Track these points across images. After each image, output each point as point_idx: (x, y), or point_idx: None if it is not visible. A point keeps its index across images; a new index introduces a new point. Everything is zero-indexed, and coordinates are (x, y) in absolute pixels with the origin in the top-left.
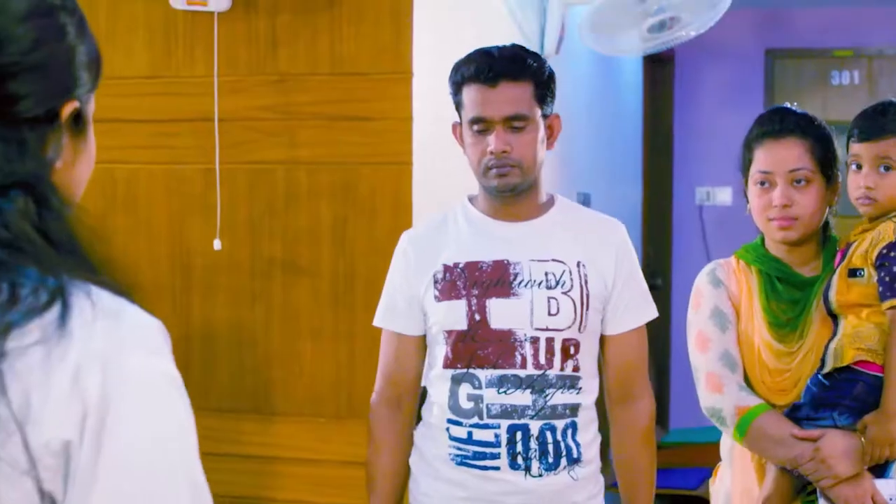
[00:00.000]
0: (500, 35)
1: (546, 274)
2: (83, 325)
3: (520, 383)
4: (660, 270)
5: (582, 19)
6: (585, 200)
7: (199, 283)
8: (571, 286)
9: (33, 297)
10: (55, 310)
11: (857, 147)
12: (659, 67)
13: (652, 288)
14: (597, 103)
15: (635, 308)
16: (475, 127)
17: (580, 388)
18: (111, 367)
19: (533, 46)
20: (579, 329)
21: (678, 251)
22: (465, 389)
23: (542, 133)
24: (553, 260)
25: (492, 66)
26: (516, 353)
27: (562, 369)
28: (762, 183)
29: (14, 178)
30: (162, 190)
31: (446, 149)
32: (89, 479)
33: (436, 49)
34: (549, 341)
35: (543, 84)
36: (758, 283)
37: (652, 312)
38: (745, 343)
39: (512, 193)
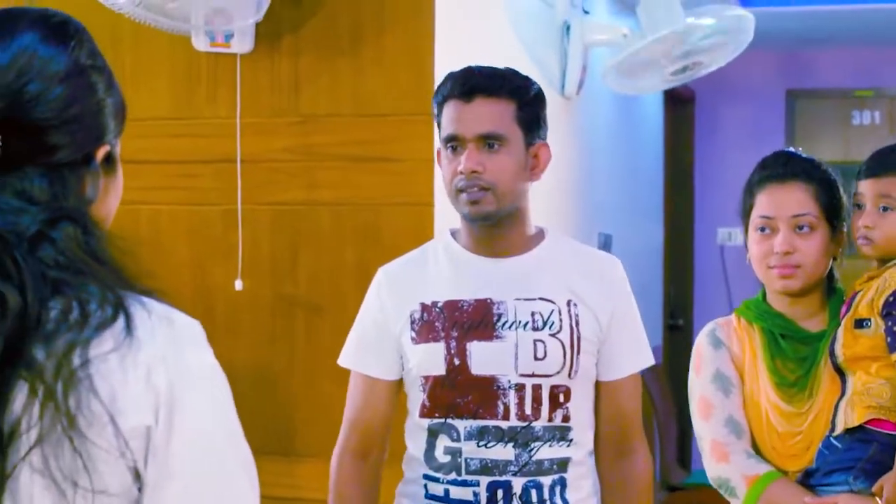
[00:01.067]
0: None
1: (533, 314)
2: (145, 330)
3: (501, 436)
4: (681, 310)
5: (607, 66)
6: (607, 241)
7: (221, 323)
8: (560, 327)
9: (101, 312)
10: (121, 320)
11: (861, 185)
12: (680, 108)
13: (674, 328)
14: (618, 144)
15: (631, 353)
16: (449, 146)
17: (571, 441)
18: (173, 363)
19: (554, 88)
20: (569, 374)
21: (700, 291)
22: (442, 442)
23: (522, 158)
24: (541, 299)
25: (467, 81)
26: (498, 402)
27: (550, 419)
28: (763, 229)
29: (61, 213)
30: (184, 231)
31: None
32: (165, 453)
33: None
34: (536, 388)
35: (527, 105)
36: (761, 341)
37: (648, 359)
38: (752, 406)
39: (487, 223)
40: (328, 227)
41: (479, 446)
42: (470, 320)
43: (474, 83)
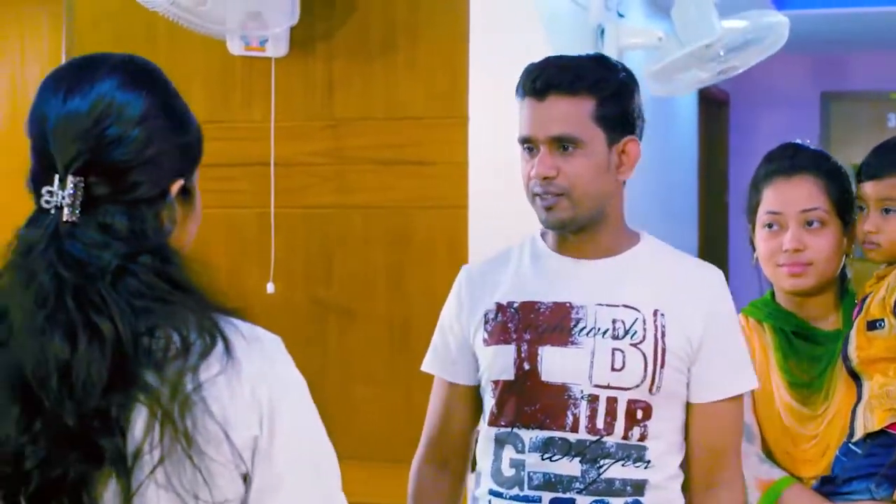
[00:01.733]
0: None
1: (614, 321)
2: (242, 351)
3: (568, 449)
4: None
5: (646, 71)
6: None
7: None
8: (644, 338)
9: (201, 341)
10: (220, 345)
11: (862, 187)
12: (714, 110)
13: None
14: (652, 147)
15: (725, 374)
16: (524, 147)
17: (649, 462)
18: (270, 377)
19: None
20: (651, 390)
21: (736, 296)
22: (508, 453)
23: (603, 159)
24: (624, 306)
25: (540, 76)
26: (568, 413)
27: (625, 437)
28: (770, 225)
29: (140, 247)
30: (218, 234)
31: (502, 192)
32: (268, 454)
33: (491, 93)
34: (611, 401)
35: (610, 100)
36: (772, 340)
37: (748, 382)
38: (764, 407)
39: (566, 230)
40: (361, 230)
41: (543, 459)
42: (545, 323)
43: (548, 79)
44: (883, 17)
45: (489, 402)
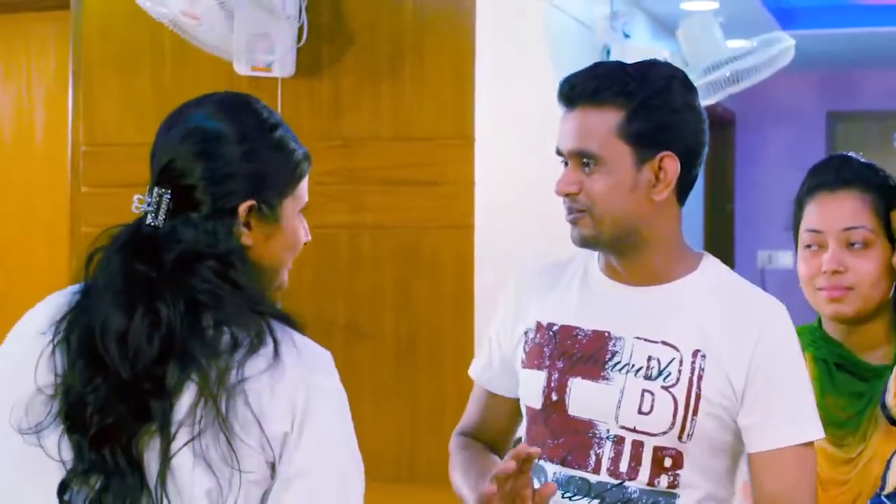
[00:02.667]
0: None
1: (649, 359)
2: (290, 357)
3: (588, 490)
4: None
5: None
6: None
7: None
8: (677, 380)
9: (249, 339)
10: (270, 346)
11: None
12: (720, 129)
13: None
14: None
15: (779, 421)
16: (560, 160)
17: None
18: (309, 385)
19: None
20: (680, 437)
21: None
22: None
23: (628, 178)
24: (663, 343)
25: (569, 84)
26: (591, 452)
27: (651, 484)
28: (810, 245)
29: (206, 252)
30: None
31: (509, 212)
32: (295, 452)
33: (498, 113)
34: (636, 446)
35: (643, 113)
36: (811, 372)
37: (810, 432)
38: None
39: (595, 249)
40: (369, 249)
41: (563, 497)
42: (581, 352)
43: (577, 87)
44: (889, 36)
45: (522, 426)
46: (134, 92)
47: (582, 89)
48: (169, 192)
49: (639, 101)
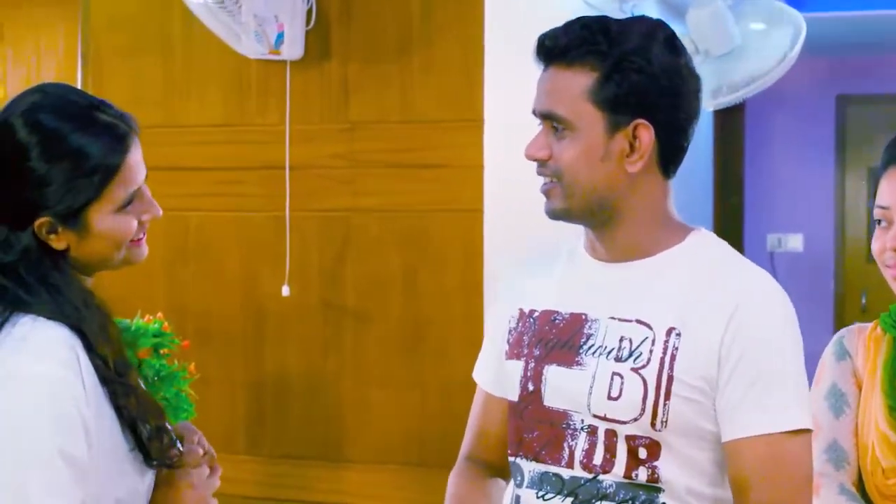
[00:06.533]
0: None
1: (621, 340)
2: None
3: (561, 487)
4: None
5: None
6: None
7: (271, 330)
8: (648, 361)
9: None
10: None
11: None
12: (729, 115)
13: None
14: None
15: (756, 406)
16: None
17: None
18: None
19: None
20: (653, 424)
21: None
22: (511, 486)
23: (598, 144)
24: (637, 321)
25: (543, 40)
26: (564, 445)
27: (628, 476)
28: (880, 221)
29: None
30: (232, 237)
31: (517, 196)
32: None
33: (506, 96)
34: (610, 435)
35: (618, 74)
36: (886, 354)
37: (786, 420)
38: (862, 432)
39: (565, 220)
40: (376, 233)
41: (537, 497)
42: (557, 338)
43: (548, 44)
44: None
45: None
46: (143, 76)
47: (553, 46)
48: None
49: (612, 62)
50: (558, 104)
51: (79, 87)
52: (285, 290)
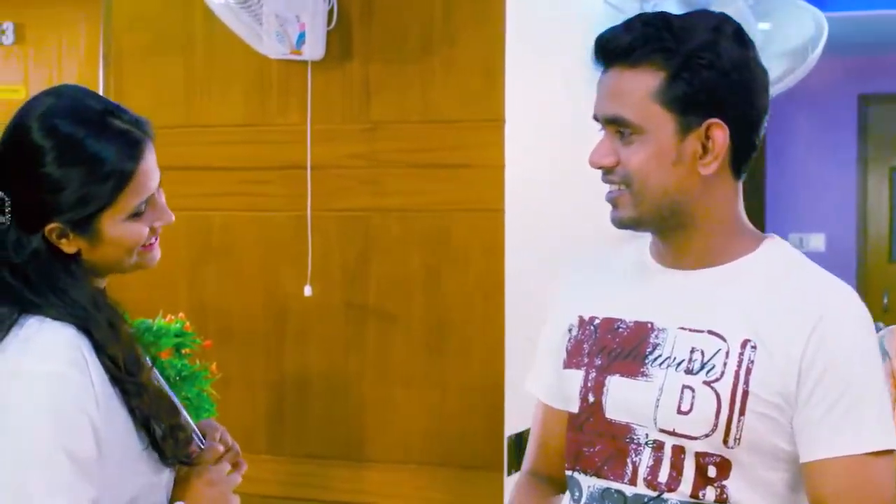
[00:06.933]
0: (593, 82)
1: (692, 351)
2: (7, 343)
3: None
4: None
5: None
6: None
7: (292, 330)
8: (722, 374)
9: None
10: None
11: None
12: None
13: None
14: None
15: (840, 425)
16: (597, 128)
17: None
18: (8, 370)
19: None
20: (725, 441)
21: None
22: (566, 501)
23: (670, 148)
24: (709, 332)
25: (604, 41)
26: (628, 461)
27: (694, 496)
28: None
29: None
30: (254, 237)
31: (538, 195)
32: None
33: (527, 96)
34: (677, 451)
35: (687, 74)
36: None
37: (872, 441)
38: None
39: (633, 230)
40: (397, 233)
41: None
42: (620, 347)
43: (610, 44)
44: None
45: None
46: (164, 76)
47: (615, 47)
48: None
49: (680, 61)
50: (624, 107)
51: (100, 87)
52: (307, 290)
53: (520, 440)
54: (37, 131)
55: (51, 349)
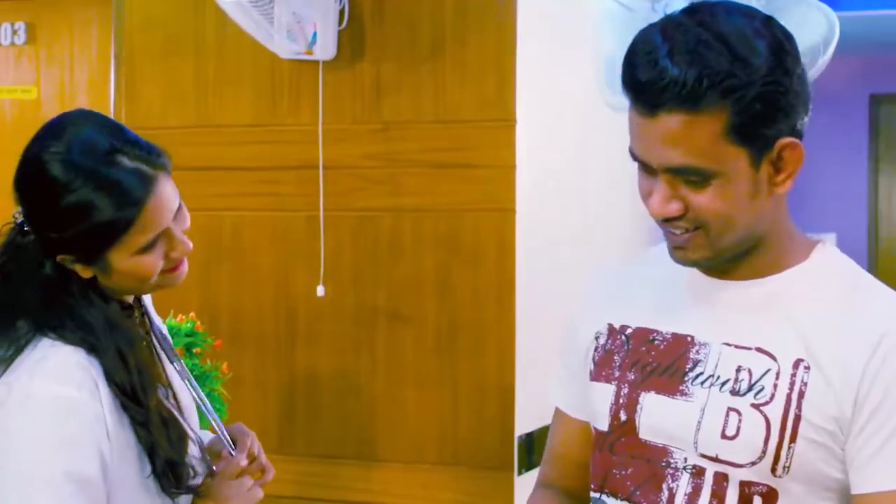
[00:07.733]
0: (604, 82)
1: (738, 370)
2: (18, 363)
3: None
4: None
5: None
6: None
7: (304, 329)
8: (772, 397)
9: (4, 350)
10: (17, 354)
11: None
12: None
13: None
14: None
15: (892, 457)
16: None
17: None
18: (14, 388)
19: None
20: (774, 470)
21: None
22: None
23: (748, 181)
24: (757, 350)
25: (646, 82)
26: (663, 486)
27: None
28: None
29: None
30: (267, 237)
31: (551, 196)
32: None
33: (539, 96)
34: (719, 479)
35: (752, 103)
36: None
37: None
38: None
39: (701, 267)
40: (410, 233)
41: None
42: (657, 361)
43: (658, 89)
44: None
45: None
46: (176, 77)
47: (672, 91)
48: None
49: (751, 94)
50: (691, 155)
51: (111, 87)
52: (320, 291)
53: (530, 440)
54: (40, 171)
55: (61, 372)
